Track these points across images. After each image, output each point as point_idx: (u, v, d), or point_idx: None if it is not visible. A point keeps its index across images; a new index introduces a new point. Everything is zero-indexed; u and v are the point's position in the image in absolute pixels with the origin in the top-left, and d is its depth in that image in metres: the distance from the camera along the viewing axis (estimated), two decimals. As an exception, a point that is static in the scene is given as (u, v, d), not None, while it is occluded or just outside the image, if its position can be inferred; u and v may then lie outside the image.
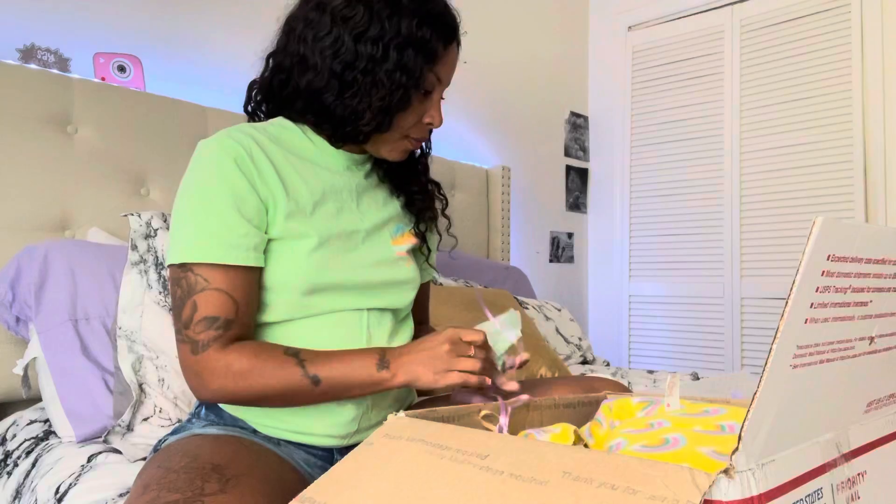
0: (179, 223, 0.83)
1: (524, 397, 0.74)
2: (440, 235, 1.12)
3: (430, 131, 0.95)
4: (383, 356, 0.82)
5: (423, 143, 1.03)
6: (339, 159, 0.95)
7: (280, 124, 0.94)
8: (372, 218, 0.95)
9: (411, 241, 1.00)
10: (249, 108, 0.98)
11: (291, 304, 0.87)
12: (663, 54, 3.12)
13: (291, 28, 0.90)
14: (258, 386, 0.80)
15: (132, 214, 1.33)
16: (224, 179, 0.83)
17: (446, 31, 0.89)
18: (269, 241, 0.86)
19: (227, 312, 0.81)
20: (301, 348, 0.84)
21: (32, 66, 1.46)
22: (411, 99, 0.88)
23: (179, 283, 0.81)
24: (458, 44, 0.94)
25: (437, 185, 1.08)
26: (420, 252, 1.06)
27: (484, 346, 0.84)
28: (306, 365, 0.81)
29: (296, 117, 0.94)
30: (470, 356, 0.81)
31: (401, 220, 1.01)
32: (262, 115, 0.98)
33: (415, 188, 1.02)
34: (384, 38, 0.84)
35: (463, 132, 2.61)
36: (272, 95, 0.95)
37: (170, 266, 0.83)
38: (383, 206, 0.98)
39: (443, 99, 0.95)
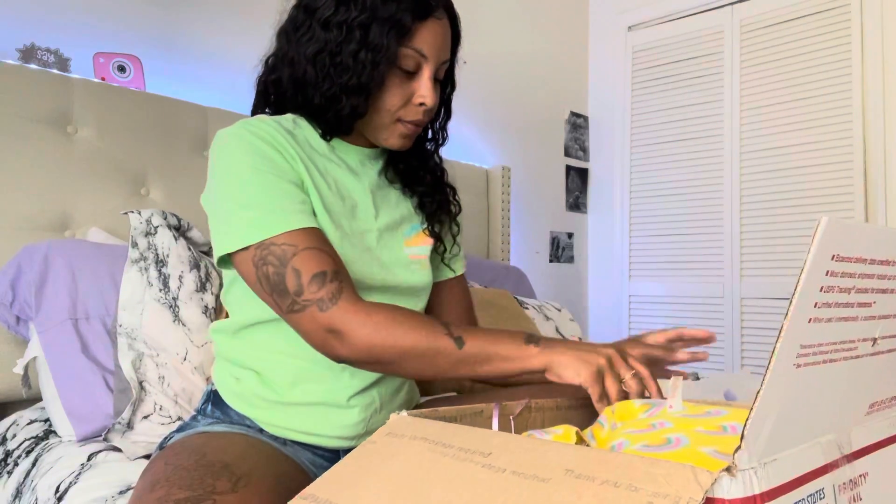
0: (233, 209, 0.80)
1: (524, 400, 0.74)
2: (459, 226, 1.06)
3: (426, 113, 0.90)
4: (531, 334, 0.78)
5: (438, 136, 1.01)
6: (352, 155, 0.94)
7: (293, 120, 0.93)
8: (385, 217, 0.93)
9: (426, 241, 0.98)
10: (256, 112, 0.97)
11: None
12: (663, 54, 3.12)
13: (282, 29, 0.91)
14: (402, 339, 0.75)
15: (132, 212, 1.33)
16: (264, 157, 0.82)
17: (418, 4, 0.84)
18: None
19: (331, 264, 0.78)
20: None
21: (32, 66, 1.46)
22: (384, 78, 0.85)
23: (267, 260, 0.78)
24: (453, 18, 0.91)
25: (453, 189, 1.05)
26: (436, 252, 1.02)
27: (640, 377, 0.74)
28: (450, 327, 0.77)
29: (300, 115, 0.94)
30: (621, 380, 0.73)
31: (414, 220, 0.98)
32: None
33: (426, 184, 0.99)
34: (348, 20, 0.83)
35: (463, 132, 2.61)
36: (268, 96, 0.94)
37: (241, 252, 0.79)
38: (395, 206, 0.96)
39: (440, 80, 0.92)
